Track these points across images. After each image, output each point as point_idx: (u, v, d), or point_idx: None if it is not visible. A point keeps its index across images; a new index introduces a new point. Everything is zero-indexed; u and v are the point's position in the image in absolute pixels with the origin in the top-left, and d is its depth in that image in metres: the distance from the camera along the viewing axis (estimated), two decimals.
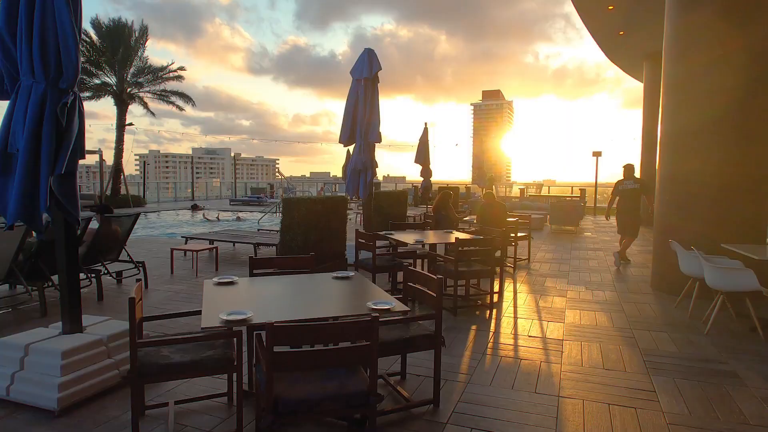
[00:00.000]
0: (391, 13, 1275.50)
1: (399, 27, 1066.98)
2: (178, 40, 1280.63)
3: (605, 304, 6.09)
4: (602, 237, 13.02)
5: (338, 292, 3.31)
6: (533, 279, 7.60)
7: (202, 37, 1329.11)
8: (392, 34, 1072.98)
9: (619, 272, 8.21)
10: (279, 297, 3.21)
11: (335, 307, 3.04)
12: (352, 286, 3.48)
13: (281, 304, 3.08)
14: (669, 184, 6.77)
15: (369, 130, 8.37)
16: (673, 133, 6.76)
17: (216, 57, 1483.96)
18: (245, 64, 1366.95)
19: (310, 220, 6.29)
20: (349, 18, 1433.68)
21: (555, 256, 9.76)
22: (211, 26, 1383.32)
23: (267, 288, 3.40)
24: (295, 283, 3.54)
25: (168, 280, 7.22)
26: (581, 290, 6.84)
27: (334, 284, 3.51)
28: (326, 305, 3.09)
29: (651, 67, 15.96)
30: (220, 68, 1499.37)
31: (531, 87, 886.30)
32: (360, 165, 8.47)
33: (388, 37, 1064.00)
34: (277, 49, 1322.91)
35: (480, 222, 8.68)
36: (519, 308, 5.90)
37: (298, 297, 3.23)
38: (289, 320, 2.59)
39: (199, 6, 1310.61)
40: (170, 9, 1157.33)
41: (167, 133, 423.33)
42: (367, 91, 8.38)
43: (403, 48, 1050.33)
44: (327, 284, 3.51)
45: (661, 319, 5.49)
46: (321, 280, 3.62)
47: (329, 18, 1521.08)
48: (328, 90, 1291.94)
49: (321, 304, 3.10)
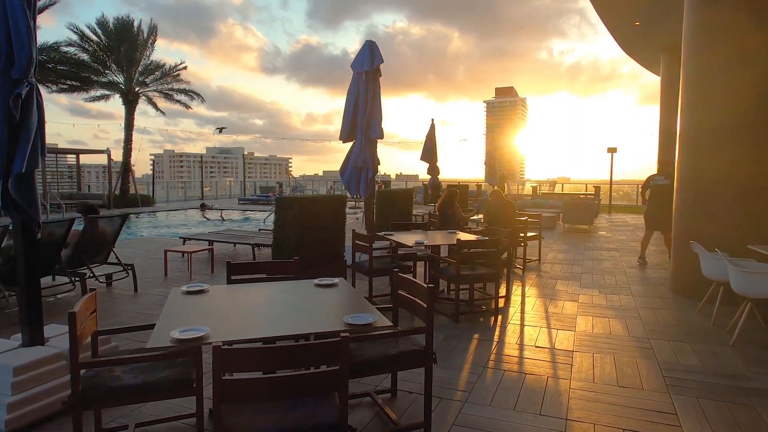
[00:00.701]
0: (403, 11, 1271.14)
1: (411, 25, 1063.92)
2: (192, 41, 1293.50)
3: (620, 310, 5.67)
4: (617, 236, 12.51)
5: (317, 303, 2.96)
6: (543, 281, 7.19)
7: (215, 37, 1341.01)
8: (404, 32, 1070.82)
9: (635, 274, 7.75)
10: (249, 309, 2.88)
11: (309, 322, 2.68)
12: (335, 295, 3.14)
13: (249, 318, 2.74)
14: (690, 183, 6.31)
15: (370, 126, 8.02)
16: (693, 129, 6.29)
17: (229, 57, 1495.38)
18: (258, 63, 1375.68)
19: (305, 221, 5.96)
20: (361, 16, 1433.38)
21: (567, 256, 9.32)
22: (224, 26, 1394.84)
23: (238, 298, 3.07)
24: (272, 292, 3.20)
25: (161, 282, 6.95)
26: (594, 294, 6.42)
27: (315, 293, 3.16)
28: (299, 320, 2.74)
29: (668, 59, 15.38)
30: (234, 68, 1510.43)
31: (545, 84, 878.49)
32: (361, 162, 8.12)
33: (400, 35, 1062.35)
34: (290, 48, 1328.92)
35: (488, 221, 8.29)
36: (527, 314, 5.50)
37: (271, 309, 2.89)
38: (245, 339, 2.25)
39: (212, 6, 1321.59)
40: (184, 10, 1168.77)
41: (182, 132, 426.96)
42: (368, 84, 8.03)
43: (415, 46, 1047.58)
44: (307, 293, 3.17)
45: (681, 327, 5.05)
46: (302, 288, 3.28)
47: (341, 16, 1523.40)
48: (340, 89, 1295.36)
49: (294, 319, 2.75)
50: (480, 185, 21.89)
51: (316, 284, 3.34)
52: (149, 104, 23.91)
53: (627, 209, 22.27)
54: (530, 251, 9.12)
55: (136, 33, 22.47)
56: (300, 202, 5.84)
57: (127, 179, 22.91)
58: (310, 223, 6.07)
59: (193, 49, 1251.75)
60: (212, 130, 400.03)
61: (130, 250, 9.43)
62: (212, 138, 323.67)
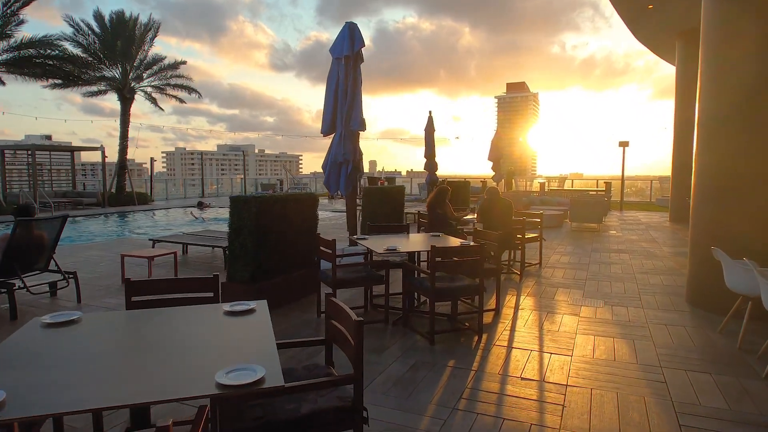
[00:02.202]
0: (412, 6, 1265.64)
1: (421, 20, 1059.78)
2: (203, 39, 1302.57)
3: (628, 327, 4.85)
4: (628, 236, 11.61)
5: (206, 344, 2.20)
6: (542, 290, 6.38)
7: (226, 35, 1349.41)
8: (414, 28, 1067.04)
9: (646, 281, 6.90)
10: (103, 354, 2.11)
11: (173, 380, 1.89)
12: (239, 329, 2.37)
13: (89, 372, 1.95)
14: (709, 179, 5.45)
15: (351, 117, 7.26)
16: (712, 120, 5.43)
17: (240, 54, 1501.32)
18: (268, 60, 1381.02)
19: (265, 223, 5.22)
20: (371, 12, 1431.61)
21: (572, 259, 8.48)
22: (234, 24, 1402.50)
23: (104, 336, 2.31)
24: (161, 323, 2.44)
25: (115, 291, 6.26)
26: (599, 306, 5.60)
27: (215, 326, 2.41)
28: (161, 376, 1.93)
29: (684, 46, 14.36)
30: (245, 65, 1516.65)
31: (557, 79, 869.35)
32: (340, 157, 7.37)
33: (410, 30, 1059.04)
34: (300, 45, 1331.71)
35: (481, 222, 7.49)
36: (517, 332, 4.70)
37: (136, 356, 2.12)
38: (44, 415, 1.51)
39: (222, 4, 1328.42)
40: (194, 8, 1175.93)
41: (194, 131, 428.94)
42: (348, 71, 7.26)
43: (426, 41, 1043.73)
44: (205, 325, 2.41)
45: (701, 351, 4.23)
46: (205, 317, 2.52)
47: (350, 13, 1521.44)
48: None
49: (155, 374, 1.94)
50: (485, 181, 20.99)
51: (226, 311, 2.58)
52: (147, 100, 23.35)
53: (640, 206, 21.27)
54: (531, 253, 8.31)
55: (132, 28, 21.90)
56: (258, 202, 5.09)
57: (124, 177, 22.39)
58: (272, 226, 5.33)
59: (204, 47, 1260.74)
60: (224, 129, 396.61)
61: (96, 253, 8.78)
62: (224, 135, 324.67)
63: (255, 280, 5.14)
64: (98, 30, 21.16)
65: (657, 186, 25.90)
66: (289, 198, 5.64)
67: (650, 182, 26.16)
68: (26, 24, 18.25)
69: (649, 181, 26.81)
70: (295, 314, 5.21)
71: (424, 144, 11.96)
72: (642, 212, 18.18)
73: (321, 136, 7.42)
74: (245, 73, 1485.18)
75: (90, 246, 9.94)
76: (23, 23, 18.12)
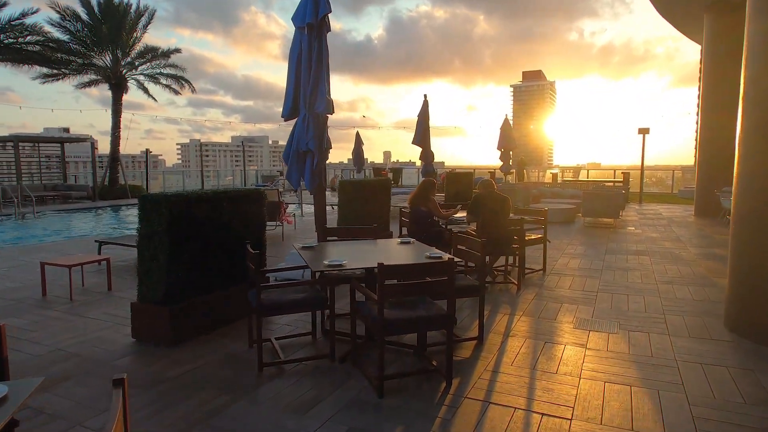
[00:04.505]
0: None
1: (435, 8, 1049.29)
2: (216, 30, 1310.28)
3: (650, 367, 3.66)
4: (648, 233, 10.30)
5: None
6: (542, 306, 5.20)
7: (238, 26, 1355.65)
8: (428, 16, 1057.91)
9: (671, 293, 5.67)
10: None
11: None
12: None
13: None
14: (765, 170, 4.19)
15: (315, 97, 6.11)
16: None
17: (253, 46, 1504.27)
18: (281, 51, 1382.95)
19: (183, 229, 4.12)
20: (384, 1, 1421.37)
21: (582, 264, 7.25)
22: (247, 15, 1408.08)
23: None
24: None
25: (31, 306, 5.25)
26: (612, 331, 4.41)
27: None
28: None
29: (714, 20, 12.88)
30: (258, 57, 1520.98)
31: (575, 67, 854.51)
32: (304, 145, 6.23)
33: (424, 18, 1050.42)
34: None
35: (471, 221, 6.32)
36: (501, 375, 3.55)
37: None
38: None
39: None
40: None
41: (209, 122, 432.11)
42: (311, 42, 6.10)
43: (440, 30, 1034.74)
44: None
45: (754, 409, 3.03)
46: None
47: (363, 1, 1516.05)
48: (364, 75, 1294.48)
49: None
50: (493, 172, 19.70)
51: None
52: (139, 88, 22.41)
53: (660, 198, 19.81)
54: (535, 255, 7.13)
55: (122, 14, 20.91)
56: (171, 203, 3.97)
57: (116, 169, 21.57)
58: (195, 233, 4.23)
59: (218, 39, 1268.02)
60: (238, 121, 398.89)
61: (37, 257, 7.77)
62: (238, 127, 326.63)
63: (171, 301, 4.05)
64: (86, 16, 20.24)
65: (679, 176, 24.33)
66: (222, 196, 4.53)
67: (672, 172, 24.57)
68: (8, 6, 17.37)
69: (671, 170, 25.22)
70: (220, 344, 4.12)
71: (415, 131, 10.73)
72: (663, 205, 16.76)
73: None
74: (258, 64, 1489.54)
75: (40, 247, 8.98)
76: (5, 5, 17.25)
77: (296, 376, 3.53)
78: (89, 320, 4.77)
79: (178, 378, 3.47)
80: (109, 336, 4.33)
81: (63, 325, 4.65)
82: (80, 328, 4.54)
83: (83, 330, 4.50)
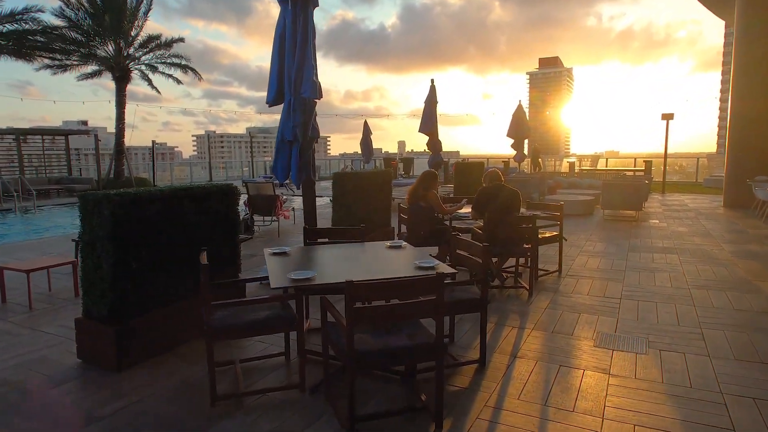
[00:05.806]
0: None
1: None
2: (230, 21, 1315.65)
3: (689, 402, 2.97)
4: (675, 227, 9.47)
5: None
6: (557, 316, 4.52)
7: (251, 16, 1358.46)
8: (442, 3, 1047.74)
9: (707, 300, 4.93)
10: None
11: None
12: None
13: None
14: None
15: (301, 80, 5.45)
16: None
17: (267, 36, 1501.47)
18: None
19: (130, 234, 3.52)
20: None
21: (602, 264, 6.52)
22: (260, 4, 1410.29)
23: None
24: None
25: None
26: (640, 352, 3.72)
27: None
28: None
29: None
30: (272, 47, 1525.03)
31: (593, 53, 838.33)
32: (289, 133, 5.59)
33: (438, 5, 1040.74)
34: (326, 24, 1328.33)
35: (476, 218, 5.64)
36: (504, 413, 2.89)
37: None
38: None
39: None
40: None
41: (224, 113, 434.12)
42: (296, 18, 5.44)
43: (455, 17, 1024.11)
44: None
45: None
46: None
47: None
48: (378, 64, 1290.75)
49: None
50: (506, 161, 18.85)
51: None
52: (143, 79, 21.96)
53: (684, 187, 18.81)
54: (550, 254, 6.43)
55: (123, 1, 20.40)
56: (113, 204, 3.37)
57: (121, 161, 21.21)
58: (146, 237, 3.63)
59: (232, 30, 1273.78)
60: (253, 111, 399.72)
61: (20, 255, 7.29)
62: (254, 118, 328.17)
63: (117, 318, 3.46)
64: (87, 4, 19.77)
65: (704, 164, 23.19)
66: (182, 194, 3.91)
67: (696, 160, 23.41)
68: None
69: (694, 158, 24.06)
70: (176, 368, 3.52)
71: (421, 119, 9.99)
72: (688, 195, 15.81)
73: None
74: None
75: (21, 246, 8.52)
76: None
77: (257, 411, 2.92)
78: (40, 334, 4.22)
79: (113, 417, 2.88)
80: (54, 356, 3.77)
81: (9, 340, 4.11)
82: (26, 344, 4.00)
83: (29, 347, 3.95)
